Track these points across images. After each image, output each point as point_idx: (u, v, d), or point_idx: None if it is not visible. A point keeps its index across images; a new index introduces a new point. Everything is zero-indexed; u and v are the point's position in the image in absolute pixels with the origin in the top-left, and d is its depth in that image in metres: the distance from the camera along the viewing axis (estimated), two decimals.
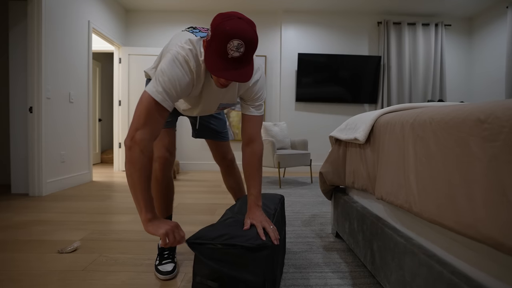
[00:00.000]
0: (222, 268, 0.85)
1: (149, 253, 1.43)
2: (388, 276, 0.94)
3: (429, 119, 0.74)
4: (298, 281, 1.15)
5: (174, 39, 1.00)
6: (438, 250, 0.77)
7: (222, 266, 0.85)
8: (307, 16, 4.56)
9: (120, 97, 4.35)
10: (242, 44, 0.80)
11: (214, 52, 0.83)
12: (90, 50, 3.54)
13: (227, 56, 0.82)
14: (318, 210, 2.22)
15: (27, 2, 2.71)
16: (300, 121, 4.63)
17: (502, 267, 0.57)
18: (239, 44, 0.80)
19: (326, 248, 1.49)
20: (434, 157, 0.71)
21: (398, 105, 1.10)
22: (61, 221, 1.92)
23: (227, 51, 0.81)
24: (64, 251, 1.41)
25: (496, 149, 0.53)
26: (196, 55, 0.93)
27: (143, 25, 4.56)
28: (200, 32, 0.99)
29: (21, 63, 2.75)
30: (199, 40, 0.95)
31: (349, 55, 4.44)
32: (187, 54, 0.92)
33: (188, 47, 0.92)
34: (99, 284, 1.13)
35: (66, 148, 3.08)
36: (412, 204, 0.78)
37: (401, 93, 4.52)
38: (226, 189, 3.08)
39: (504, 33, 4.05)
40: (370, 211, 1.19)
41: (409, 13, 4.54)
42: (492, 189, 0.53)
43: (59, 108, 2.98)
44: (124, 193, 2.83)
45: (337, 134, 1.43)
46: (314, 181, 3.60)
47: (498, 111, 0.54)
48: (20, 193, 2.77)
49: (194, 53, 0.93)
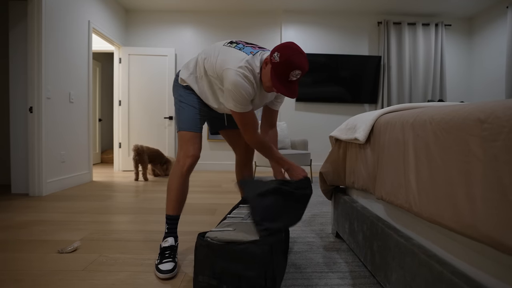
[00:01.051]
0: (225, 265, 0.88)
1: (149, 253, 1.43)
2: (388, 276, 0.94)
3: (429, 119, 0.74)
4: (298, 281, 1.15)
5: (224, 55, 1.24)
6: (438, 250, 0.77)
7: (225, 263, 0.88)
8: (307, 16, 4.56)
9: (120, 97, 4.35)
10: (300, 73, 1.13)
11: (279, 74, 1.13)
12: (90, 50, 3.54)
13: (287, 79, 1.14)
14: (318, 210, 2.22)
15: (27, 2, 2.71)
16: (300, 121, 4.63)
17: (502, 267, 0.57)
18: (299, 73, 1.13)
19: (326, 248, 1.49)
20: (434, 157, 0.71)
21: (398, 105, 1.10)
22: (61, 221, 1.92)
23: (289, 76, 1.13)
24: (64, 251, 1.41)
25: (496, 149, 0.53)
26: (253, 70, 1.21)
27: (143, 25, 4.56)
28: (245, 47, 1.27)
29: (21, 63, 2.75)
30: (253, 57, 1.23)
31: (349, 55, 4.44)
32: (248, 72, 1.19)
33: (246, 65, 1.19)
34: (99, 284, 1.13)
35: (66, 148, 3.09)
36: (412, 204, 0.78)
37: (401, 93, 4.52)
38: (226, 189, 3.08)
39: (504, 33, 4.05)
40: (370, 211, 1.19)
41: (409, 13, 4.54)
42: (492, 189, 0.53)
43: (59, 108, 2.98)
44: (124, 193, 2.83)
45: (337, 134, 1.44)
46: (314, 181, 3.60)
47: (498, 111, 0.54)
48: (20, 193, 2.77)
49: (250, 69, 1.20)
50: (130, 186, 3.21)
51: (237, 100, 1.19)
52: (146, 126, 4.37)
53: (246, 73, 1.18)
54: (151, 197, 2.65)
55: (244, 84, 1.17)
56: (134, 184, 3.31)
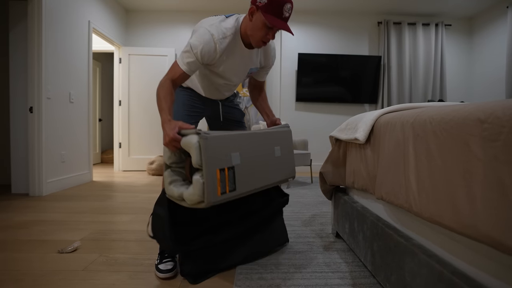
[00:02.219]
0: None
1: (149, 253, 1.43)
2: (388, 276, 0.94)
3: (429, 119, 0.74)
4: (298, 281, 1.15)
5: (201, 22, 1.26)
6: (438, 250, 0.77)
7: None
8: (307, 16, 4.56)
9: (120, 97, 4.35)
10: (290, 7, 1.15)
11: (273, 14, 1.14)
12: (90, 50, 3.54)
13: (282, 16, 1.14)
14: (318, 210, 2.22)
15: (27, 2, 2.71)
16: (300, 121, 4.63)
17: (502, 267, 0.57)
18: (290, 6, 1.14)
19: (326, 248, 1.49)
20: (434, 157, 0.71)
21: (398, 105, 1.10)
22: (62, 221, 1.92)
23: (282, 13, 1.14)
24: (64, 251, 1.41)
25: (496, 149, 0.53)
26: (225, 32, 1.21)
27: (143, 25, 4.56)
28: (221, 16, 1.27)
29: (21, 63, 2.75)
30: (226, 19, 1.24)
31: (349, 55, 4.44)
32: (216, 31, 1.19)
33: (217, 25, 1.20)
34: (100, 284, 1.13)
35: (66, 148, 3.09)
36: (412, 204, 0.78)
37: (401, 93, 4.52)
38: None
39: (504, 33, 4.05)
40: (370, 211, 1.19)
41: (409, 13, 4.54)
42: (492, 189, 0.53)
43: (60, 108, 2.98)
44: (125, 193, 2.83)
45: (337, 134, 1.44)
46: (314, 181, 3.60)
47: (499, 111, 0.54)
48: (21, 193, 2.77)
49: (221, 31, 1.20)
50: (130, 186, 3.21)
51: (187, 50, 1.18)
52: (146, 126, 4.37)
53: (213, 31, 1.18)
54: (151, 197, 2.65)
55: (209, 39, 1.17)
56: (134, 184, 3.31)
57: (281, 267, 1.27)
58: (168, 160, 1.15)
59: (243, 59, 1.33)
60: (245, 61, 1.35)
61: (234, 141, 1.11)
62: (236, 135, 1.13)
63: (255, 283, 1.13)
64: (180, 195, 1.08)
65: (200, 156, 0.99)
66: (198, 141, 1.00)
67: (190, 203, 1.05)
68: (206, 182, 0.99)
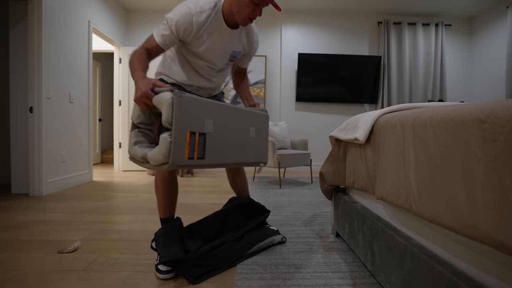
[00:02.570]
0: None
1: (149, 253, 1.43)
2: (388, 276, 0.94)
3: (429, 119, 0.74)
4: (298, 281, 1.15)
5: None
6: (438, 250, 0.77)
7: None
8: (307, 16, 4.56)
9: (120, 97, 4.34)
10: None
11: None
12: (90, 50, 3.54)
13: None
14: (318, 210, 2.22)
15: (27, 2, 2.71)
16: (300, 121, 4.63)
17: (502, 267, 0.57)
18: None
19: (326, 248, 1.49)
20: (434, 157, 0.71)
21: (398, 105, 1.10)
22: (62, 221, 1.92)
23: None
24: (64, 251, 1.41)
25: (496, 149, 0.53)
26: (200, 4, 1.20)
27: (143, 25, 4.56)
28: None
29: (21, 63, 2.75)
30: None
31: (349, 55, 4.44)
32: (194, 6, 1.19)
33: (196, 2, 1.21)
34: (100, 284, 1.13)
35: (66, 148, 3.09)
36: (412, 204, 0.78)
37: (401, 93, 4.52)
38: (226, 189, 3.08)
39: (504, 33, 4.05)
40: (370, 211, 1.19)
41: (409, 13, 4.54)
42: (492, 189, 0.53)
43: (60, 108, 2.98)
44: (124, 193, 2.83)
45: (337, 134, 1.44)
46: (314, 181, 3.60)
47: (499, 111, 0.54)
48: (21, 193, 2.77)
49: (198, 3, 1.20)
50: (130, 186, 3.21)
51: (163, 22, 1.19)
52: None
53: (190, 5, 1.19)
54: (151, 197, 2.65)
55: (186, 12, 1.17)
56: (134, 184, 3.31)
57: (281, 267, 1.27)
58: (136, 119, 1.09)
59: (224, 39, 1.30)
60: (226, 42, 1.31)
61: (210, 108, 1.05)
62: (212, 102, 1.07)
63: (255, 283, 1.13)
64: (143, 156, 1.01)
65: (171, 113, 0.93)
66: (171, 97, 0.94)
67: (153, 164, 0.97)
68: (174, 141, 0.92)
